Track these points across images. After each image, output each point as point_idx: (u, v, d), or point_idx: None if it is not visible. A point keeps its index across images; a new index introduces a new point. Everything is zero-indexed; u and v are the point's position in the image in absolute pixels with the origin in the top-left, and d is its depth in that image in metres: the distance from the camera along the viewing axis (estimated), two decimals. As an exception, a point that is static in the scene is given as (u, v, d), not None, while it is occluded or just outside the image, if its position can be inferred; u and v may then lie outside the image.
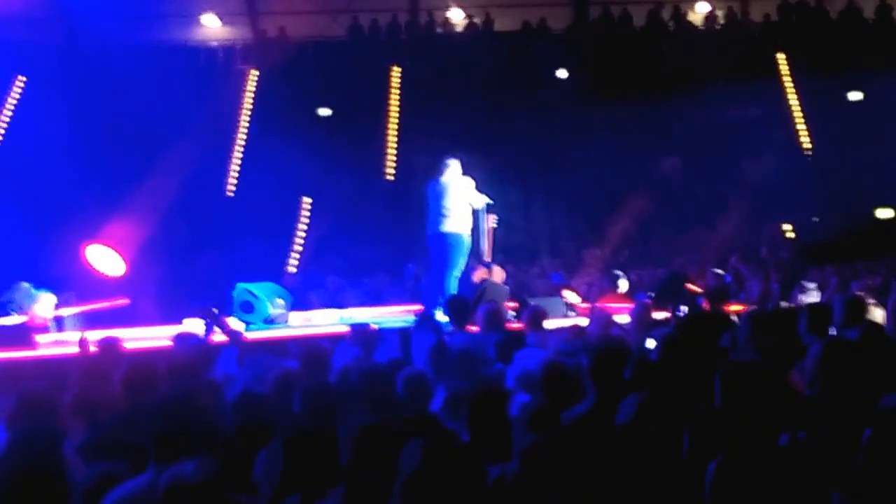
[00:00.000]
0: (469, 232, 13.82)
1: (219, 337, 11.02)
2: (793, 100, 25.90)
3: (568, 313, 13.81)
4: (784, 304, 13.82)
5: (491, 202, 14.19)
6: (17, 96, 22.80)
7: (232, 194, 24.42)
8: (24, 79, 22.72)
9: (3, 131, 22.51)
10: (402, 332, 10.04)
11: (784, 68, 26.25)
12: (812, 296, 12.63)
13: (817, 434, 5.72)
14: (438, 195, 13.64)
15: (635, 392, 6.25)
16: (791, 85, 26.02)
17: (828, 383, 6.24)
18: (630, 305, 12.22)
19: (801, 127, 25.70)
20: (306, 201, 24.32)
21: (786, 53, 26.37)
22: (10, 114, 22.63)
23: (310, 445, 5.63)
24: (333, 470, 5.27)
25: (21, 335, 11.51)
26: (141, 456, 5.49)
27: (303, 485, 5.30)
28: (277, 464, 5.52)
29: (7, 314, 13.68)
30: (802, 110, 25.76)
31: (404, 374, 6.77)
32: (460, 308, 10.82)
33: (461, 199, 13.68)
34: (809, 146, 25.52)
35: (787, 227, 23.83)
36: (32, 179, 20.74)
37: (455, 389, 6.78)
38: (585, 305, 14.85)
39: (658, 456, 5.57)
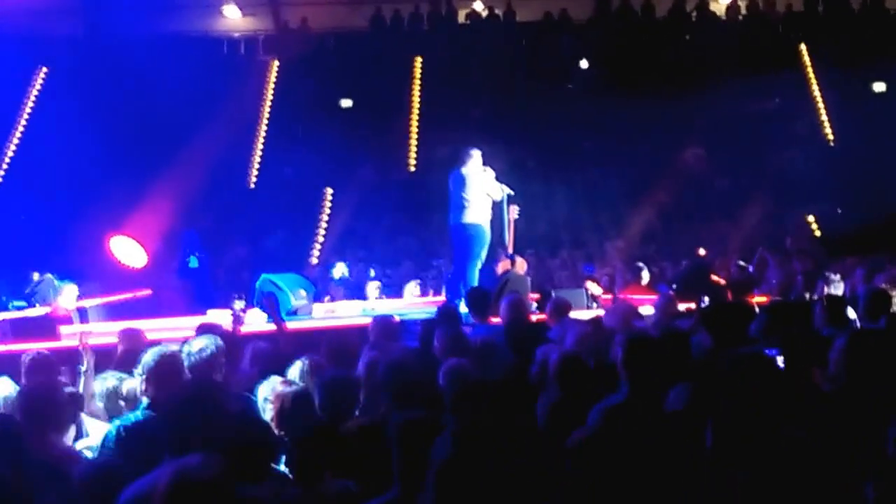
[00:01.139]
0: (490, 223, 13.81)
1: (245, 328, 11.05)
2: (816, 91, 25.80)
3: (591, 305, 13.79)
4: (808, 295, 13.77)
5: (512, 193, 14.17)
6: (40, 88, 22.87)
7: (254, 186, 24.43)
8: (47, 70, 22.78)
9: (25, 123, 22.58)
10: (424, 324, 10.02)
11: (807, 59, 26.15)
12: (837, 287, 12.55)
13: (844, 426, 5.70)
14: (460, 186, 13.62)
15: (681, 383, 6.22)
16: (814, 76, 25.92)
17: (853, 375, 6.22)
18: (653, 297, 12.20)
19: (824, 118, 25.59)
20: (328, 192, 24.35)
21: (808, 44, 26.27)
22: (32, 105, 22.70)
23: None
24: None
25: (45, 326, 11.54)
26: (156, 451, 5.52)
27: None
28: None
29: (31, 305, 13.75)
30: (825, 101, 25.65)
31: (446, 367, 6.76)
32: (481, 300, 10.80)
33: (483, 190, 13.66)
34: (832, 137, 25.41)
35: (810, 218, 23.73)
36: (55, 171, 20.81)
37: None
38: (608, 297, 14.84)
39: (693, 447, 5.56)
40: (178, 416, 5.19)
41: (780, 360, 6.79)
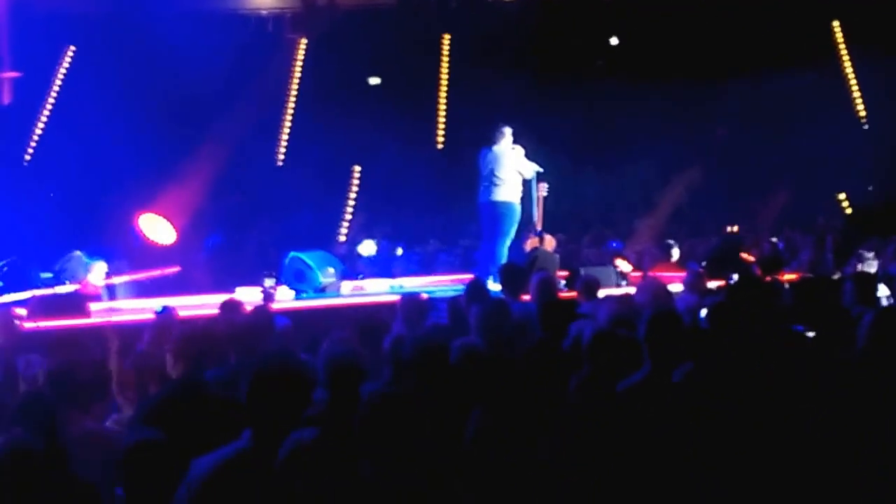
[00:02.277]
0: (520, 201, 13.77)
1: (276, 304, 11.05)
2: (848, 68, 25.58)
3: (620, 282, 13.75)
4: (839, 273, 13.68)
5: (542, 170, 14.13)
6: (68, 66, 22.88)
7: (282, 163, 24.42)
8: (75, 49, 22.78)
9: (54, 102, 22.59)
10: (453, 301, 9.98)
11: (839, 36, 25.90)
12: (870, 265, 12.48)
13: (869, 401, 5.68)
14: (491, 163, 13.61)
15: (688, 360, 6.21)
16: (846, 53, 25.68)
17: (880, 352, 6.19)
18: (683, 274, 12.15)
19: (856, 95, 25.38)
20: (356, 170, 24.32)
21: (841, 21, 26.01)
22: (60, 84, 22.71)
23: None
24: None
25: (74, 303, 11.56)
26: (190, 426, 5.51)
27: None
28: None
29: (61, 283, 13.79)
30: (858, 79, 25.43)
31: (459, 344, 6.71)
32: (513, 276, 10.73)
33: (514, 168, 13.63)
34: (865, 115, 25.20)
35: (841, 196, 23.58)
36: (84, 149, 20.83)
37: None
38: (637, 274, 14.80)
39: (712, 422, 5.54)
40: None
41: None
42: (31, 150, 22.25)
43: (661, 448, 5.34)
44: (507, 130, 13.75)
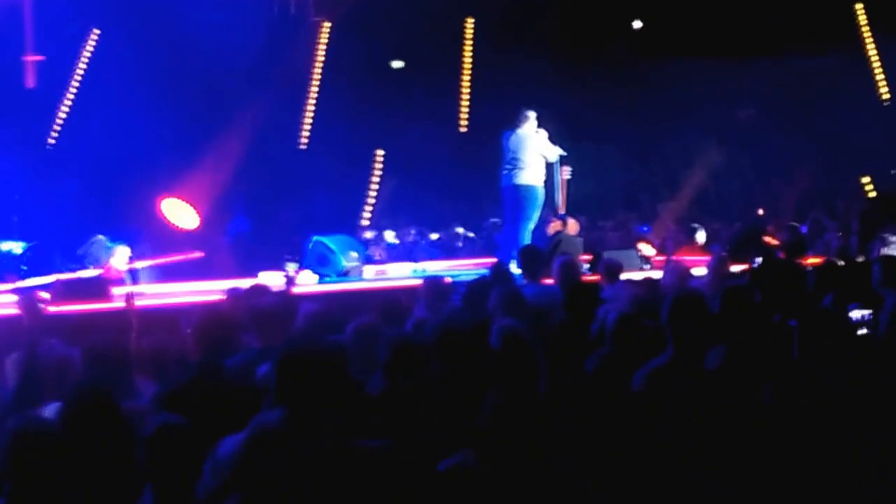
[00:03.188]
0: (543, 184, 13.75)
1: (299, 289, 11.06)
2: (871, 50, 25.42)
3: (643, 266, 13.73)
4: (862, 257, 13.64)
5: (565, 154, 14.11)
6: (92, 50, 22.90)
7: (305, 147, 24.43)
8: (98, 31, 22.80)
9: (77, 86, 22.62)
10: (471, 285, 9.95)
11: (862, 18, 25.74)
12: (894, 248, 12.43)
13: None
14: (514, 147, 13.60)
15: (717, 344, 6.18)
16: (869, 34, 25.53)
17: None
18: (706, 258, 12.12)
19: (879, 77, 25.24)
20: (379, 154, 24.32)
21: (864, 2, 25.86)
22: (84, 68, 22.74)
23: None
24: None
25: (97, 287, 11.59)
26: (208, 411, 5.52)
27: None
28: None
29: (84, 267, 13.83)
30: (881, 60, 25.29)
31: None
32: (534, 259, 10.71)
33: (537, 152, 13.62)
34: (888, 97, 25.06)
35: (865, 179, 23.48)
36: (107, 133, 20.88)
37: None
38: (661, 258, 14.78)
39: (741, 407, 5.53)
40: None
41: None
42: (55, 134, 22.30)
43: (680, 433, 5.33)
44: (531, 114, 13.75)
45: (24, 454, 4.86)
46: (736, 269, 11.57)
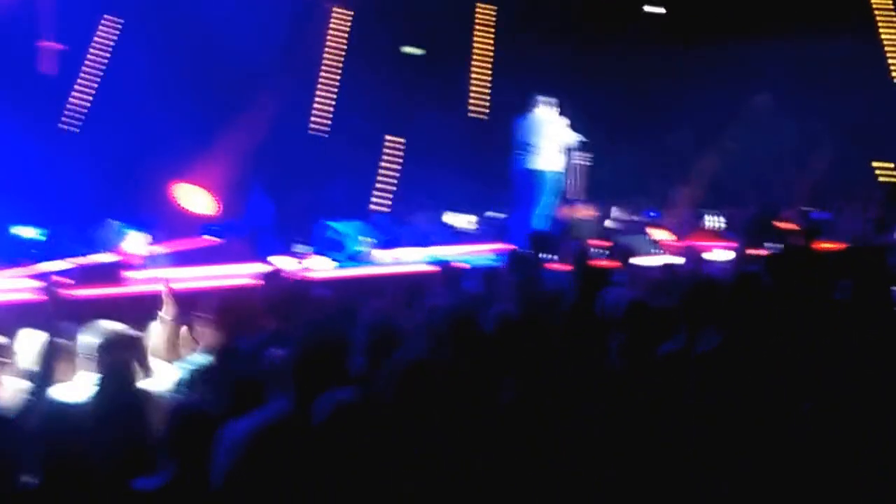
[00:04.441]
0: (557, 169, 13.77)
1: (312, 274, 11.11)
2: (886, 35, 25.32)
3: (654, 250, 13.76)
4: (878, 242, 13.66)
5: (584, 140, 14.14)
6: (107, 37, 22.94)
7: (321, 133, 24.45)
8: (114, 18, 22.84)
9: (93, 73, 22.66)
10: (489, 271, 10.00)
11: (877, 1, 25.65)
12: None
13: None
14: (528, 132, 13.64)
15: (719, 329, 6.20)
16: (884, 19, 25.42)
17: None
18: (718, 243, 12.15)
19: (893, 62, 25.13)
20: (392, 140, 24.33)
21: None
22: (100, 55, 22.77)
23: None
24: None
25: (113, 272, 11.66)
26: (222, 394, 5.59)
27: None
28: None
29: (97, 252, 13.92)
30: (896, 45, 25.21)
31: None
32: (542, 244, 10.77)
33: (551, 137, 13.64)
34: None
35: (887, 165, 23.42)
36: (122, 120, 20.92)
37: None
38: (673, 243, 14.80)
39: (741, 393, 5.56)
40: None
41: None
42: (71, 120, 22.36)
43: (692, 417, 5.36)
44: (545, 99, 13.76)
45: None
46: (749, 253, 11.60)
